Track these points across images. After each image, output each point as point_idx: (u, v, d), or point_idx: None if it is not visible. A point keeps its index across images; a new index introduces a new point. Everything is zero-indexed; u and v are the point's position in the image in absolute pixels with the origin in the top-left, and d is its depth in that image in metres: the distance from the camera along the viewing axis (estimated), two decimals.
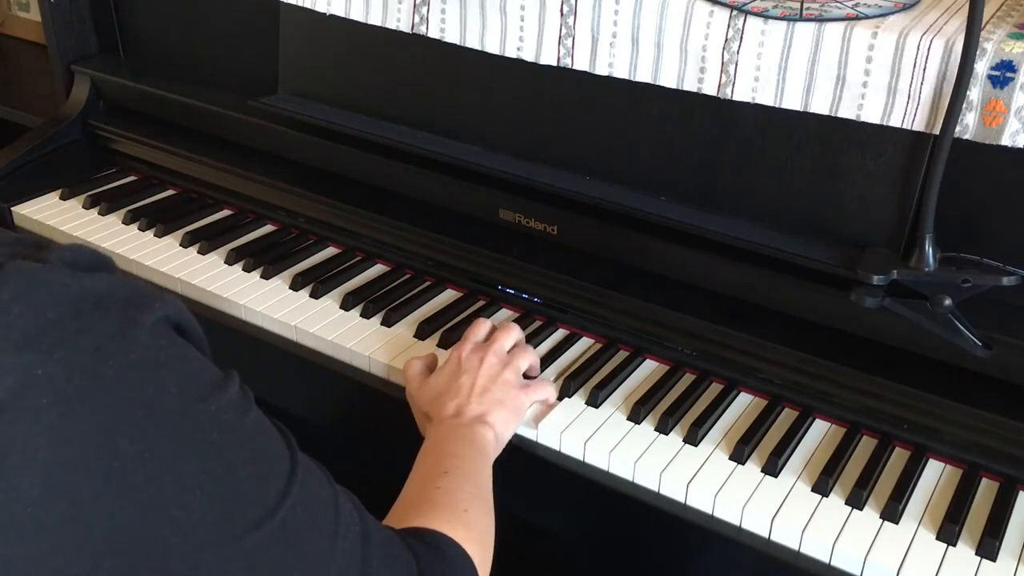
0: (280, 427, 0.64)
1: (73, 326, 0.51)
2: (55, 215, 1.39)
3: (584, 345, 1.13)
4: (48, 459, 0.49)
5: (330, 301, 1.20)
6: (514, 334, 1.04)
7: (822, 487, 0.92)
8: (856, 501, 0.91)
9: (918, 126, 0.94)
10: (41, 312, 0.50)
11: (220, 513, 0.55)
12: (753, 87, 1.00)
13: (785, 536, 0.89)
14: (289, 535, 0.59)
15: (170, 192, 1.46)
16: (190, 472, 0.54)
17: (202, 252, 1.30)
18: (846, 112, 0.97)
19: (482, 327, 1.05)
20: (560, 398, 1.04)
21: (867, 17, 0.95)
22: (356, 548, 0.64)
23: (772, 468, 0.94)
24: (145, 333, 0.54)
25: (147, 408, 0.53)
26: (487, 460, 0.90)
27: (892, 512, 0.89)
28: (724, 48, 1.01)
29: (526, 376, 1.04)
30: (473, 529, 0.79)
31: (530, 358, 1.04)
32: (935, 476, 0.94)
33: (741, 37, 0.99)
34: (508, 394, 0.97)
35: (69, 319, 0.51)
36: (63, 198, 1.43)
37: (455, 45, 1.18)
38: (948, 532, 0.87)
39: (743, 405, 1.03)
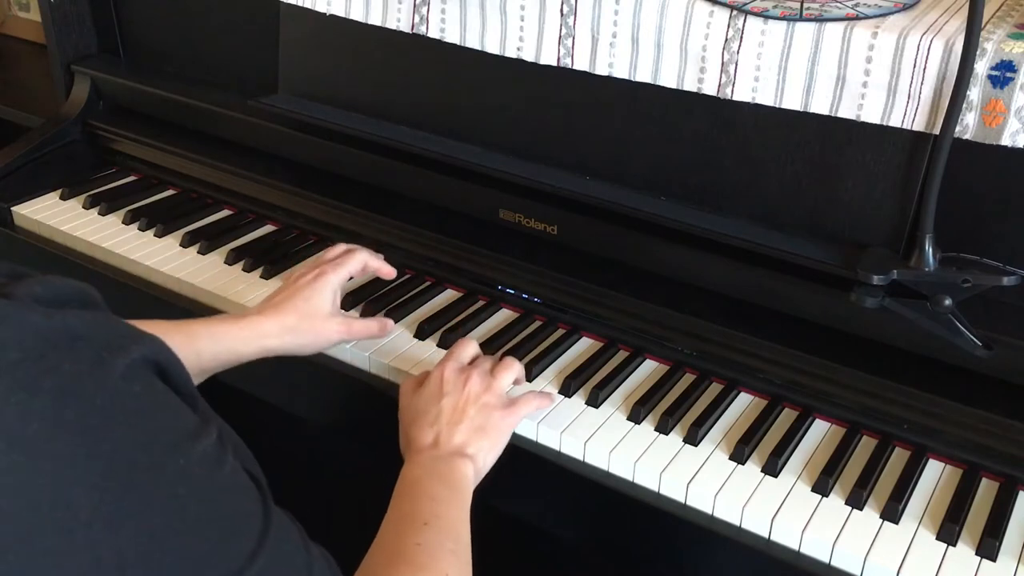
0: (257, 480, 0.60)
1: (37, 367, 0.48)
2: (55, 215, 1.39)
3: (584, 345, 1.13)
4: (1, 509, 0.47)
5: None
6: (495, 357, 1.03)
7: (822, 487, 0.92)
8: (856, 501, 0.91)
9: (918, 126, 0.94)
10: (3, 352, 0.48)
11: (180, 573, 0.52)
12: (753, 87, 1.00)
13: (785, 536, 0.89)
14: None
15: (170, 192, 1.46)
16: (151, 527, 0.51)
17: (202, 252, 1.30)
18: (846, 112, 0.97)
19: (468, 347, 1.01)
20: (560, 398, 1.04)
21: (867, 17, 0.95)
22: None
23: (772, 468, 0.94)
24: (116, 376, 0.51)
25: (107, 458, 0.49)
26: (466, 501, 0.87)
27: (892, 512, 0.89)
28: (724, 48, 1.01)
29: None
30: None
31: (514, 373, 1.01)
32: (935, 476, 0.94)
33: (741, 37, 0.99)
34: (490, 420, 0.93)
35: (33, 360, 0.48)
36: (63, 198, 1.43)
37: (455, 45, 1.18)
38: (948, 532, 0.87)
39: (743, 405, 1.03)
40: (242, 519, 0.57)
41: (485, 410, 0.94)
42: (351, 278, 1.11)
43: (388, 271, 1.13)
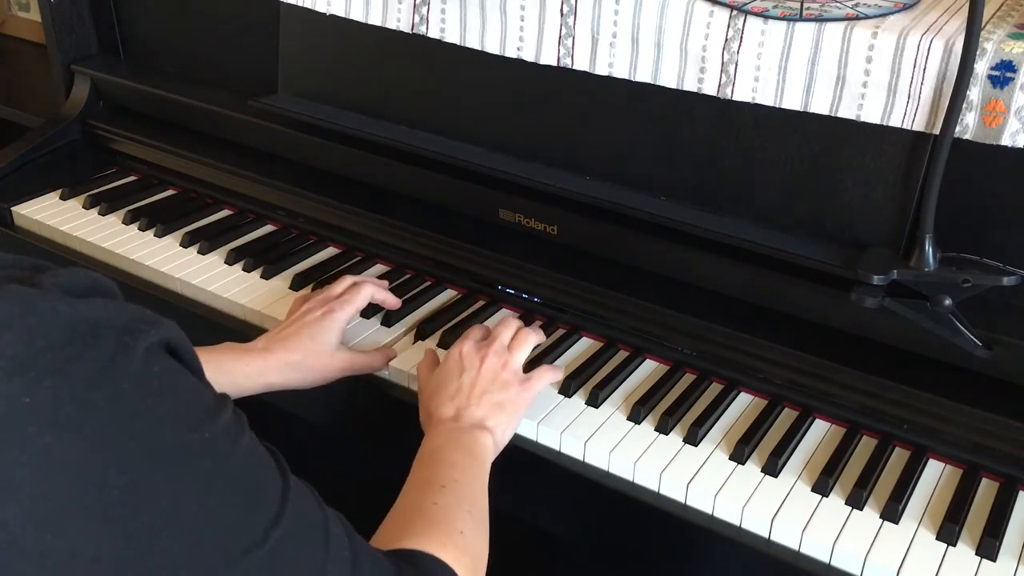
0: (272, 450, 0.63)
1: (64, 353, 0.50)
2: (55, 215, 1.39)
3: (584, 345, 1.13)
4: (33, 489, 0.49)
5: None
6: (513, 326, 1.03)
7: (822, 487, 0.92)
8: (856, 501, 0.91)
9: (918, 126, 0.94)
10: (32, 339, 0.50)
11: (210, 542, 0.55)
12: (753, 87, 1.00)
13: (785, 536, 0.89)
14: (279, 562, 0.58)
15: (170, 192, 1.46)
16: (180, 502, 0.53)
17: (202, 252, 1.30)
18: (846, 112, 0.97)
19: (481, 329, 1.04)
20: (560, 398, 1.04)
21: (867, 17, 0.95)
22: (345, 573, 0.63)
23: (772, 468, 0.94)
24: (139, 360, 0.53)
25: (137, 438, 0.52)
26: (485, 471, 0.89)
27: (892, 512, 0.89)
28: (724, 48, 1.01)
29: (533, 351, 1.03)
30: (467, 553, 0.77)
31: (531, 343, 1.01)
32: (935, 476, 0.94)
33: (741, 37, 0.99)
34: (508, 395, 0.95)
35: (61, 346, 0.50)
36: (63, 198, 1.43)
37: (455, 45, 1.18)
38: (948, 532, 0.87)
39: (743, 405, 1.03)
40: (264, 486, 0.59)
41: (503, 386, 0.96)
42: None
43: (393, 302, 1.15)
